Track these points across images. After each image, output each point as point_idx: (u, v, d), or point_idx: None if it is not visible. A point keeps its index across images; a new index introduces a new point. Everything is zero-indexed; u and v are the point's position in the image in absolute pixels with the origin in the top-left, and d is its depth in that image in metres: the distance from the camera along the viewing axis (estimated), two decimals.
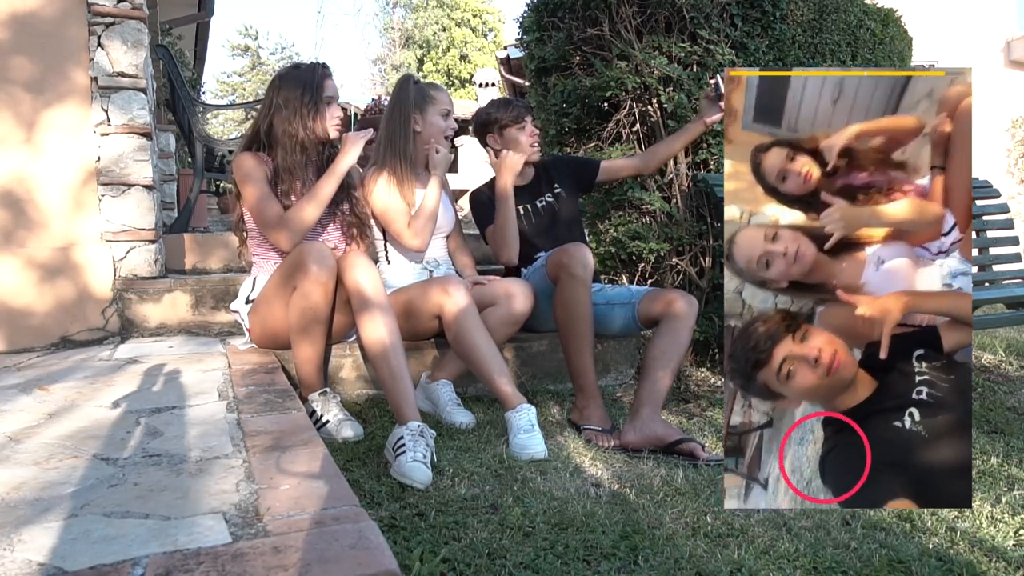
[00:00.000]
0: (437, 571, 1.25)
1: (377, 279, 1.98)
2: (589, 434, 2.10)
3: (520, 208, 2.56)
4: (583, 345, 2.20)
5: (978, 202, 3.25)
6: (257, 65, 28.12)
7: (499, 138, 2.58)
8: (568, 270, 2.18)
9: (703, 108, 2.57)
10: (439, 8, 26.42)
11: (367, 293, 1.94)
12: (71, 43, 2.68)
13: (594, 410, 2.18)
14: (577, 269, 2.17)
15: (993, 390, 2.83)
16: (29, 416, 1.66)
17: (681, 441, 1.96)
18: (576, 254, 2.19)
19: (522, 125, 2.56)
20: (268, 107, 2.21)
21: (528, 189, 2.62)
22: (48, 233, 2.65)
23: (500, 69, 9.79)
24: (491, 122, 2.60)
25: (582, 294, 2.18)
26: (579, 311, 2.18)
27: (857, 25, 3.30)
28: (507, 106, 2.60)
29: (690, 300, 2.24)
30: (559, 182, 2.66)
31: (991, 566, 1.35)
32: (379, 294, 1.96)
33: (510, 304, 2.27)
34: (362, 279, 1.95)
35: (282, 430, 1.49)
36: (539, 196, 2.62)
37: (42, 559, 0.94)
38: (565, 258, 2.20)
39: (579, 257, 2.19)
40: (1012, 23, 10.76)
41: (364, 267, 1.98)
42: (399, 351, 1.91)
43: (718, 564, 1.31)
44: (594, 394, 2.20)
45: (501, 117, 2.57)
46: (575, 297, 2.18)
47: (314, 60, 2.30)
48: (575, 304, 2.18)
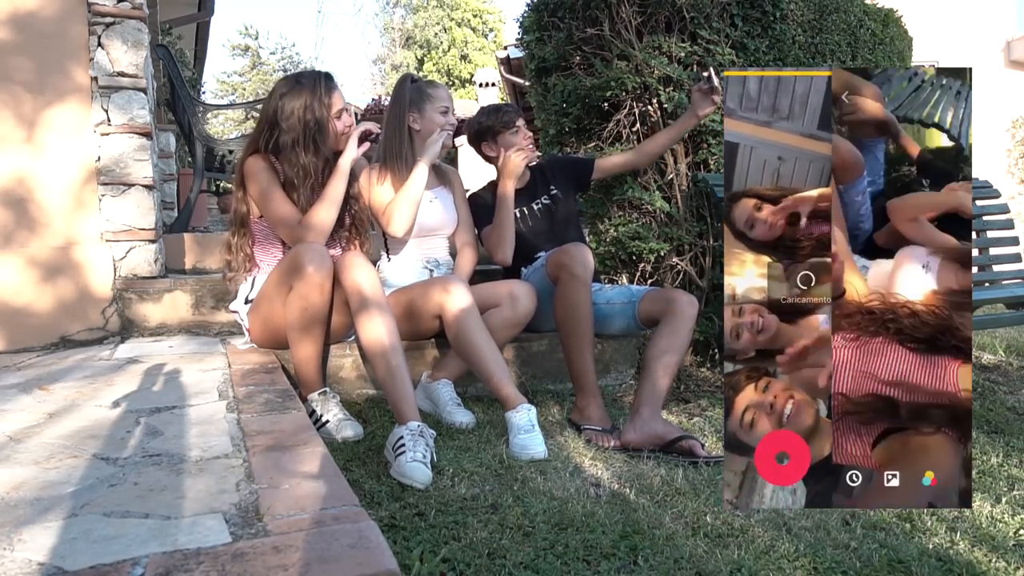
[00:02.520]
0: (437, 571, 1.25)
1: (375, 279, 1.98)
2: (589, 434, 2.10)
3: (517, 211, 2.57)
4: (583, 345, 2.20)
5: (978, 202, 3.25)
6: (257, 65, 28.12)
7: (494, 145, 2.59)
8: (568, 270, 2.18)
9: (695, 101, 2.56)
10: (439, 8, 26.43)
11: (365, 293, 1.94)
12: (71, 43, 2.68)
13: (594, 410, 2.18)
14: (577, 269, 2.17)
15: (993, 390, 2.83)
16: (29, 416, 1.66)
17: (680, 439, 1.96)
18: (576, 254, 2.20)
19: (514, 129, 2.57)
20: (270, 123, 2.17)
21: (525, 191, 2.63)
22: (48, 232, 2.65)
23: (500, 69, 9.79)
24: (483, 130, 2.61)
25: (582, 294, 2.18)
26: (579, 311, 2.19)
27: (857, 25, 3.30)
28: (497, 112, 2.62)
29: (691, 300, 2.24)
30: (555, 183, 2.67)
31: (991, 566, 1.35)
32: (377, 294, 1.96)
33: (514, 306, 2.27)
34: (360, 279, 1.95)
35: (282, 430, 1.49)
36: (536, 198, 2.63)
37: (42, 559, 0.94)
38: (565, 258, 2.20)
39: (579, 257, 2.19)
40: (1012, 23, 10.77)
41: (362, 267, 1.97)
42: (398, 351, 1.91)
43: (718, 564, 1.31)
44: (594, 394, 2.20)
45: (493, 124, 2.58)
46: (575, 297, 2.18)
47: (315, 70, 2.27)
48: (575, 304, 2.18)
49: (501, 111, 2.61)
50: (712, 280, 2.98)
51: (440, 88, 2.50)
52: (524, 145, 2.54)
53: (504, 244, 2.49)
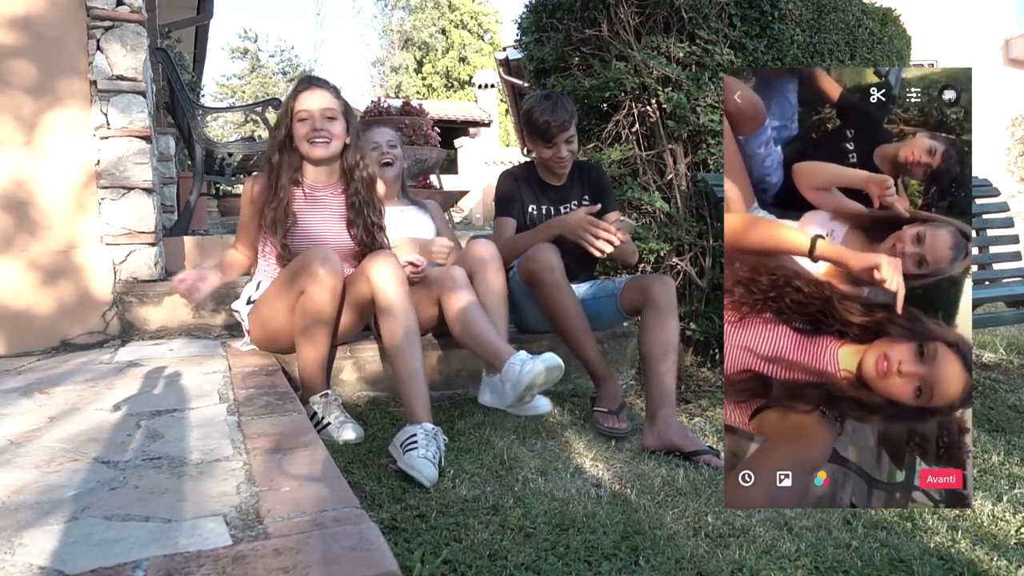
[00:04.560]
0: (438, 572, 1.25)
1: (402, 278, 1.98)
2: (597, 415, 2.15)
3: (543, 208, 2.51)
4: (579, 336, 2.23)
5: (978, 201, 3.25)
6: (256, 68, 28.10)
7: (544, 148, 2.44)
8: (536, 277, 2.21)
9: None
10: (435, 10, 26.44)
11: (390, 293, 1.95)
12: (70, 46, 2.68)
13: (604, 389, 2.24)
14: (544, 276, 2.19)
15: (994, 388, 2.83)
16: (30, 419, 1.66)
17: (698, 452, 1.97)
18: (540, 259, 2.20)
19: (550, 144, 2.42)
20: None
21: (558, 192, 2.53)
22: (48, 236, 2.65)
23: (499, 70, 9.79)
24: (537, 130, 2.42)
25: (557, 295, 2.20)
26: (562, 311, 2.22)
27: (856, 24, 3.31)
28: (553, 111, 2.37)
29: (665, 281, 2.22)
30: (588, 194, 2.55)
31: (992, 565, 1.35)
32: (402, 294, 1.96)
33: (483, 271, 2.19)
34: (386, 278, 1.96)
35: (283, 432, 1.49)
36: (566, 202, 2.54)
37: (43, 562, 0.94)
38: (532, 266, 2.22)
39: (543, 262, 2.19)
40: (1011, 22, 10.78)
41: (389, 266, 1.98)
42: (417, 352, 1.92)
43: (719, 564, 1.31)
44: (603, 375, 2.24)
45: (548, 126, 2.38)
46: (552, 301, 2.21)
47: (308, 73, 2.28)
48: (556, 306, 2.22)
49: (557, 108, 2.38)
50: (712, 280, 2.98)
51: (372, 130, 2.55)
52: (605, 234, 2.17)
53: (510, 256, 2.37)
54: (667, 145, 2.98)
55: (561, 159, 2.45)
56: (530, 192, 2.52)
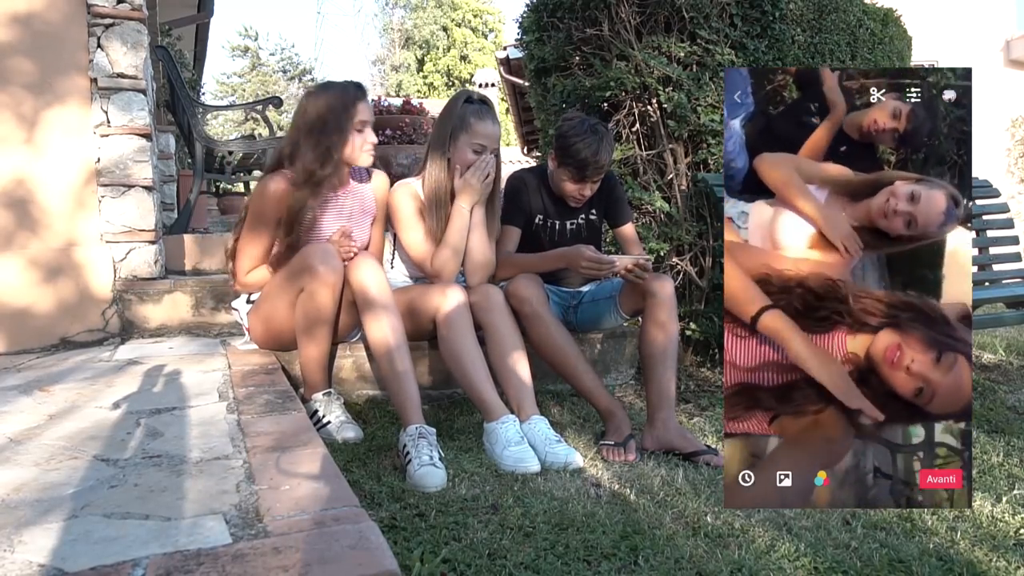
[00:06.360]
0: (437, 571, 1.25)
1: (384, 280, 1.98)
2: (603, 449, 2.03)
3: (550, 222, 2.41)
4: (575, 373, 2.15)
5: (978, 201, 3.25)
6: (257, 66, 28.08)
7: (565, 179, 2.30)
8: (519, 311, 2.12)
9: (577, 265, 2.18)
10: (437, 8, 26.42)
11: (373, 293, 1.95)
12: (71, 44, 2.68)
13: (610, 423, 2.11)
14: (526, 308, 2.11)
15: (993, 389, 2.83)
16: (30, 417, 1.66)
17: (697, 453, 1.96)
18: (520, 294, 2.12)
19: (579, 181, 2.27)
20: (295, 128, 2.13)
21: (567, 204, 2.39)
22: (48, 234, 2.65)
23: (500, 69, 9.78)
24: (571, 162, 2.25)
25: (539, 327, 2.12)
26: (548, 347, 2.14)
27: (856, 25, 3.31)
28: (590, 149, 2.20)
29: (663, 280, 2.15)
30: (597, 206, 2.45)
31: (992, 565, 1.35)
32: (385, 295, 1.96)
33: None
34: (368, 279, 1.95)
35: (282, 431, 1.49)
36: (576, 215, 2.43)
37: (43, 560, 0.94)
38: (514, 302, 2.13)
39: (523, 296, 2.12)
40: (1012, 23, 10.77)
41: (371, 268, 1.98)
42: (404, 353, 1.91)
43: (718, 564, 1.31)
44: (606, 408, 2.12)
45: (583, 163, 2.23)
46: (539, 334, 2.13)
47: (348, 80, 2.20)
48: (542, 343, 2.14)
49: (602, 148, 2.21)
50: (712, 280, 2.98)
51: (484, 121, 2.16)
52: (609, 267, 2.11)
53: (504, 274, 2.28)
54: (667, 145, 2.98)
55: (582, 197, 2.33)
56: (539, 202, 2.40)
